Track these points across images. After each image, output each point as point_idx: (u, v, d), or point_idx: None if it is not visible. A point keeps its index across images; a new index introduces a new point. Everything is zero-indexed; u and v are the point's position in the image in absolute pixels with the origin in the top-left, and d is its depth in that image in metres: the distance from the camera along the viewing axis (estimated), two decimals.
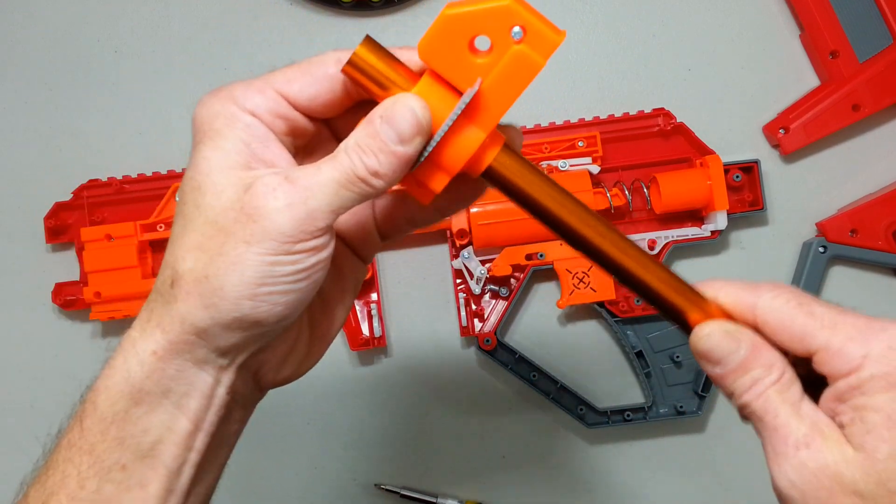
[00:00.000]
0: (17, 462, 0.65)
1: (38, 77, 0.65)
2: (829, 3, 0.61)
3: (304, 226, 0.28)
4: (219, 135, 0.30)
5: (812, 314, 0.30)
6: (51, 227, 0.62)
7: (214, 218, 0.29)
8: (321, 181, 0.29)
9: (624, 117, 0.61)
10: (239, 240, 0.28)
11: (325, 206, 0.28)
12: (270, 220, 0.28)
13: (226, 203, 0.29)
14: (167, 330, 0.30)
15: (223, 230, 0.28)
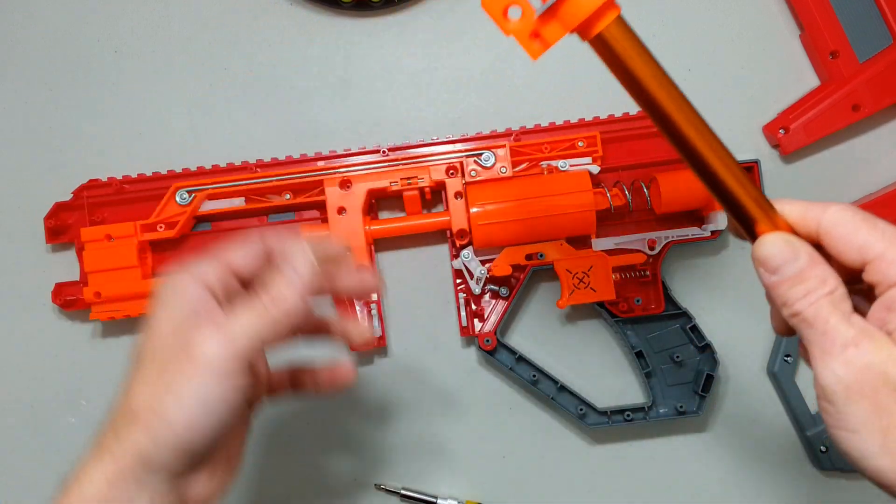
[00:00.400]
0: (17, 462, 0.66)
1: (38, 77, 0.66)
2: (829, 3, 0.61)
3: (229, 357, 0.37)
4: (172, 302, 0.39)
5: (875, 227, 0.33)
6: (51, 227, 0.62)
7: (162, 361, 0.37)
8: (240, 321, 0.38)
9: (624, 117, 0.62)
10: (179, 374, 0.37)
11: (244, 340, 0.38)
12: (202, 354, 0.37)
13: (169, 347, 0.38)
14: (117, 458, 0.37)
15: (166, 368, 0.37)
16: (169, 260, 0.63)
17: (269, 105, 0.65)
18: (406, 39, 0.65)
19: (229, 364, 0.37)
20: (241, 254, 0.42)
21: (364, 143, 0.64)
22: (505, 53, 0.64)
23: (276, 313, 0.39)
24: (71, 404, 0.65)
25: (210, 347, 0.37)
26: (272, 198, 0.62)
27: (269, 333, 0.38)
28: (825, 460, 0.61)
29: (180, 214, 0.61)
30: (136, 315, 0.61)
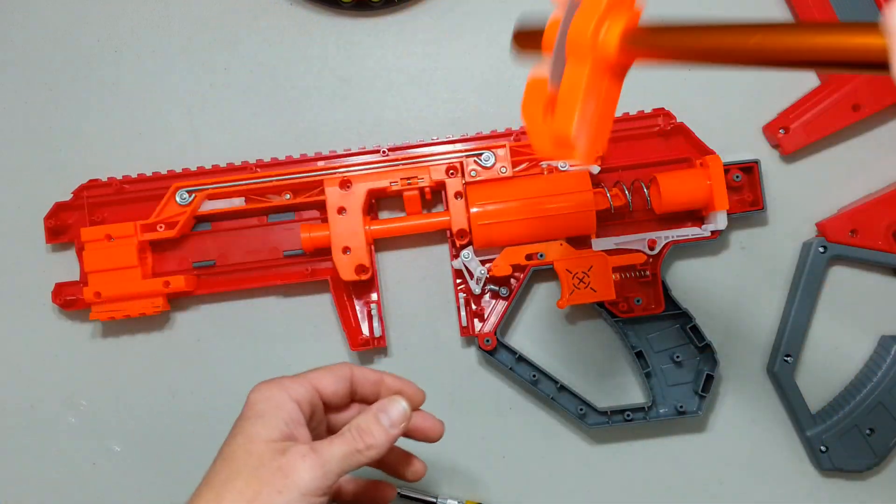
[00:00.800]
0: (17, 462, 0.66)
1: (38, 77, 0.66)
2: (829, 4, 0.61)
3: (320, 483, 0.41)
4: (269, 414, 0.43)
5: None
6: (51, 227, 0.62)
7: (255, 471, 0.40)
8: (333, 451, 0.42)
9: (624, 117, 0.62)
10: (273, 489, 0.40)
11: (335, 468, 0.41)
12: (299, 476, 0.40)
13: (266, 462, 0.40)
14: None
15: (261, 480, 0.40)
16: (169, 260, 0.63)
17: (269, 105, 0.65)
18: (406, 39, 0.65)
19: (320, 490, 0.41)
20: (329, 380, 0.46)
21: (364, 143, 0.64)
22: (505, 53, 0.64)
23: (366, 454, 0.43)
24: (71, 404, 0.65)
25: (307, 473, 0.40)
26: (272, 198, 0.62)
27: (354, 469, 0.43)
28: (825, 460, 0.61)
29: (180, 214, 0.61)
30: (137, 315, 0.61)
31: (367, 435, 0.43)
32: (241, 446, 0.41)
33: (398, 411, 0.45)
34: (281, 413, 0.42)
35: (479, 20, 0.65)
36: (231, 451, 0.41)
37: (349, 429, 0.43)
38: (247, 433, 0.42)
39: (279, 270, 0.63)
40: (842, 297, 0.63)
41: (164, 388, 0.64)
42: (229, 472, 0.41)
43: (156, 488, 0.64)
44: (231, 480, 0.40)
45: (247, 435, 0.42)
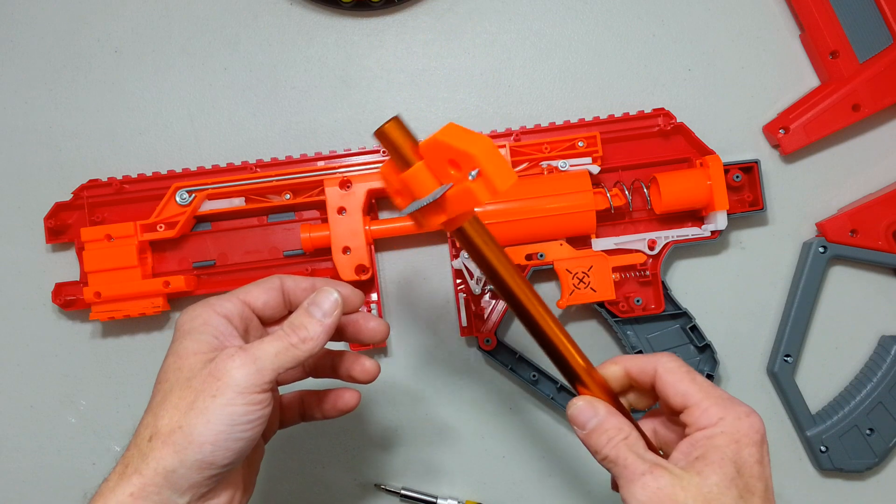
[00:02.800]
0: (17, 462, 0.66)
1: (38, 77, 0.66)
2: (829, 4, 0.61)
3: (254, 380, 0.40)
4: (196, 331, 0.42)
5: (694, 381, 0.41)
6: (51, 227, 0.62)
7: (188, 382, 0.40)
8: (265, 348, 0.41)
9: (624, 117, 0.62)
10: (207, 395, 0.39)
11: (269, 365, 0.40)
12: (230, 375, 0.39)
13: (197, 371, 0.40)
14: (144, 476, 0.38)
15: (194, 389, 0.39)
16: (169, 260, 0.63)
17: (269, 105, 0.65)
18: (406, 39, 0.65)
19: (255, 387, 0.40)
20: (257, 292, 0.45)
21: (364, 143, 0.64)
22: (505, 53, 0.64)
23: (302, 347, 0.42)
24: (71, 404, 0.65)
25: (238, 371, 0.39)
26: (272, 198, 0.62)
27: (291, 364, 0.41)
28: (825, 460, 0.61)
29: (180, 214, 0.61)
30: (137, 315, 0.61)
31: (300, 329, 0.42)
32: (171, 365, 0.41)
33: (329, 301, 0.43)
34: (208, 328, 0.42)
35: (479, 20, 0.65)
36: (163, 373, 0.41)
37: (282, 326, 0.43)
38: (175, 352, 0.41)
39: (279, 271, 0.63)
40: (842, 297, 0.63)
41: None
42: (163, 391, 0.40)
43: None
44: (166, 398, 0.40)
45: (176, 354, 0.41)
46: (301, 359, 0.42)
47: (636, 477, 0.39)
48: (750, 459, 0.39)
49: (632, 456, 0.40)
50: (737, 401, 0.41)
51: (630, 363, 0.44)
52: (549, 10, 0.65)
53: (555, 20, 0.64)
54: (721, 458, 0.38)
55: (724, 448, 0.39)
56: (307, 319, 0.43)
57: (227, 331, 0.42)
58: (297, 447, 0.64)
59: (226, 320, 0.43)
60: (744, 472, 0.38)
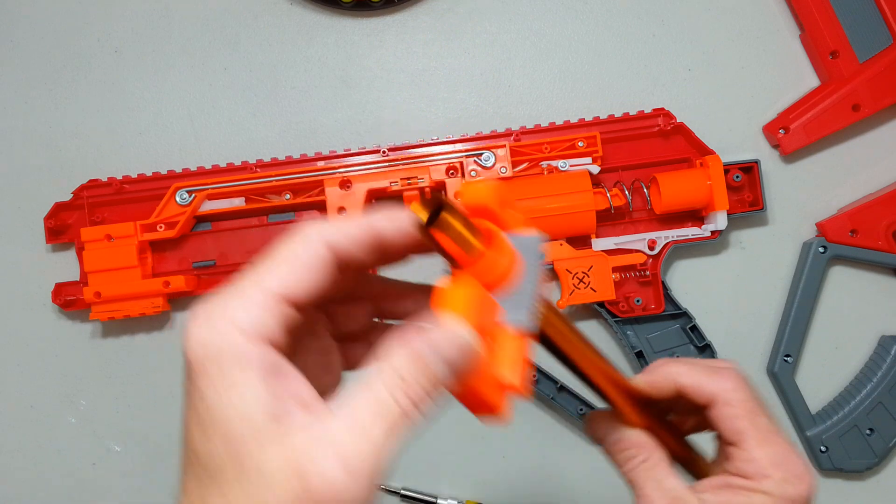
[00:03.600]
0: (17, 462, 0.66)
1: (39, 77, 0.65)
2: (829, 4, 0.61)
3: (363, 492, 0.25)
4: (234, 384, 0.25)
5: (754, 423, 0.35)
6: (51, 227, 0.62)
7: (254, 486, 0.25)
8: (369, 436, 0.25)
9: (624, 117, 0.61)
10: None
11: (374, 465, 0.25)
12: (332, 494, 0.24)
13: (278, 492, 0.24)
14: None
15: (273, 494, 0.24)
16: (169, 260, 0.63)
17: (269, 105, 0.65)
18: (406, 39, 0.65)
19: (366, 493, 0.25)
20: (295, 275, 0.27)
21: (364, 143, 0.64)
22: (505, 53, 0.64)
23: (415, 418, 0.27)
24: (71, 404, 0.65)
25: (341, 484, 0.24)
26: (272, 198, 0.62)
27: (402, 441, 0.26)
28: (825, 460, 0.61)
29: (180, 214, 0.61)
30: (137, 315, 0.61)
31: (411, 386, 0.26)
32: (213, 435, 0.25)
33: (467, 355, 0.28)
34: (249, 369, 0.25)
35: (479, 20, 0.65)
36: (205, 442, 0.25)
37: (384, 384, 0.26)
38: (216, 424, 0.25)
39: None
40: (842, 297, 0.63)
41: (165, 388, 0.64)
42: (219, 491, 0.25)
43: (156, 488, 0.64)
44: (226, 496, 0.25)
45: (213, 424, 0.25)
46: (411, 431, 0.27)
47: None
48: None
49: (650, 484, 0.36)
50: (794, 457, 0.35)
51: (686, 379, 0.37)
52: (549, 10, 0.65)
53: (555, 20, 0.64)
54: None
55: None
56: (422, 373, 0.27)
57: (275, 364, 0.26)
58: None
59: (268, 348, 0.26)
60: None
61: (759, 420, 0.36)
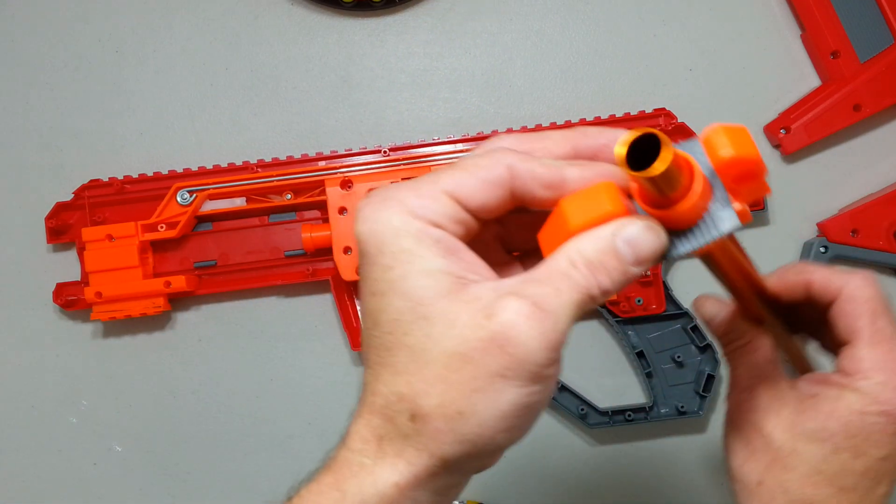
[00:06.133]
0: (18, 462, 0.66)
1: (39, 77, 0.65)
2: (830, 3, 0.61)
3: (554, 353, 0.27)
4: (413, 255, 0.28)
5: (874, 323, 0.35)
6: (52, 227, 0.62)
7: (457, 349, 0.27)
8: (564, 304, 0.27)
9: (625, 117, 0.61)
10: (494, 373, 0.27)
11: (566, 325, 0.27)
12: (527, 350, 0.27)
13: (467, 333, 0.27)
14: (413, 462, 0.29)
15: (471, 362, 0.27)
16: (170, 260, 0.63)
17: (269, 105, 0.65)
18: (407, 39, 0.65)
19: (555, 357, 0.27)
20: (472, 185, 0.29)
21: (365, 143, 0.64)
22: (506, 53, 0.64)
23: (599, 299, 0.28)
24: (71, 404, 0.65)
25: (535, 341, 0.27)
26: (273, 198, 0.62)
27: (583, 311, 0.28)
28: None
29: (181, 214, 0.61)
30: (138, 315, 0.61)
31: (601, 272, 0.28)
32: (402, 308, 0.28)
33: (651, 249, 0.28)
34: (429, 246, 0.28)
35: (480, 20, 0.65)
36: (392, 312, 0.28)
37: (569, 257, 0.28)
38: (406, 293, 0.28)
39: (280, 270, 0.63)
40: None
41: (165, 388, 0.64)
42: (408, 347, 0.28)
43: (156, 488, 0.64)
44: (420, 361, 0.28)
45: (408, 295, 0.28)
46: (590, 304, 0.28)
47: (735, 391, 0.37)
48: (863, 431, 0.33)
49: (743, 366, 0.37)
50: None
51: (817, 274, 0.37)
52: (549, 9, 0.65)
53: (556, 20, 0.64)
54: (831, 412, 0.34)
55: (842, 406, 0.34)
56: (615, 263, 0.28)
57: (452, 246, 0.28)
58: (298, 447, 0.64)
59: (442, 235, 0.28)
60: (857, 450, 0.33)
61: (878, 321, 0.35)
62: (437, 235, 0.28)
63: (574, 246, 0.28)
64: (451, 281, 0.28)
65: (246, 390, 0.64)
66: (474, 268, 0.29)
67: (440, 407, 0.28)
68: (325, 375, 0.64)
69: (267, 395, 0.64)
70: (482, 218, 0.29)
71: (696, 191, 0.27)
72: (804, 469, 0.34)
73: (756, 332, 0.38)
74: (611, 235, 0.28)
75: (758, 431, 0.36)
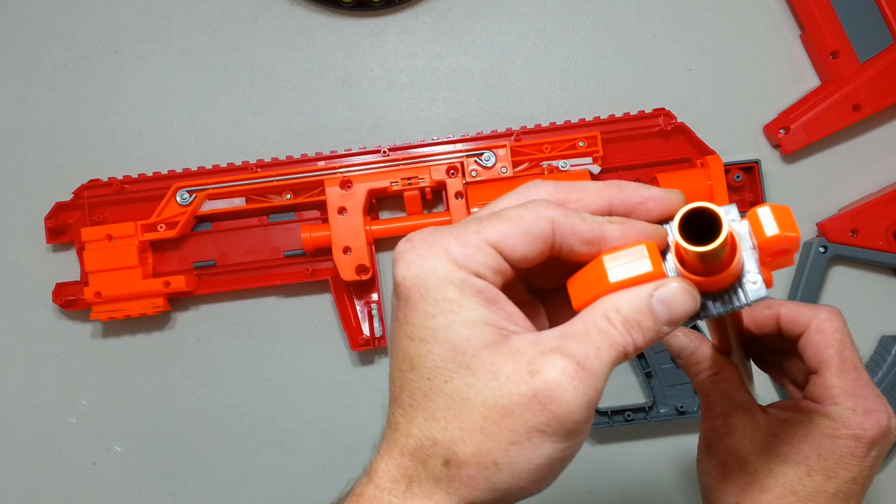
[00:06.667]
0: (18, 463, 0.66)
1: (39, 77, 0.65)
2: (829, 4, 0.61)
3: (592, 411, 0.28)
4: (457, 305, 0.28)
5: (841, 354, 0.37)
6: (51, 227, 0.62)
7: (498, 401, 0.28)
8: (603, 363, 0.28)
9: (625, 117, 0.61)
10: (533, 428, 0.28)
11: (603, 383, 0.28)
12: (568, 409, 0.27)
13: (510, 387, 0.28)
14: (438, 502, 0.29)
15: (512, 415, 0.28)
16: (170, 260, 0.63)
17: (269, 105, 0.65)
18: (407, 39, 0.65)
19: (591, 413, 0.28)
20: (516, 238, 0.29)
21: (365, 143, 0.64)
22: (505, 53, 0.64)
23: (630, 355, 0.29)
24: (71, 404, 0.65)
25: (577, 401, 0.27)
26: (273, 198, 0.62)
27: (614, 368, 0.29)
28: None
29: (181, 214, 0.61)
30: (137, 315, 0.61)
31: (636, 330, 0.29)
32: (442, 355, 0.28)
33: (685, 310, 0.29)
34: (472, 297, 0.28)
35: (480, 20, 0.65)
36: (429, 358, 0.29)
37: (610, 320, 0.29)
38: (450, 342, 0.28)
39: (280, 270, 0.63)
40: (842, 297, 0.63)
41: (164, 388, 0.64)
42: (447, 394, 0.28)
43: (156, 488, 0.64)
44: (456, 409, 0.28)
45: (452, 344, 0.28)
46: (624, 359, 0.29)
47: (709, 416, 0.38)
48: (834, 454, 0.35)
49: (716, 393, 0.38)
50: (870, 392, 0.36)
51: (786, 308, 0.38)
52: (549, 10, 0.65)
53: (555, 20, 0.64)
54: (804, 436, 0.36)
55: (815, 430, 0.36)
56: (650, 322, 0.29)
57: (494, 297, 0.29)
58: (298, 447, 0.64)
59: (485, 286, 0.29)
60: (829, 472, 0.35)
61: (845, 352, 0.37)
62: (480, 286, 0.29)
63: (611, 302, 0.29)
64: (493, 332, 0.28)
65: (245, 390, 0.64)
66: (514, 318, 0.29)
67: (476, 456, 0.28)
68: (325, 375, 0.64)
69: (266, 395, 0.64)
70: (520, 268, 0.30)
71: (738, 264, 0.29)
72: (780, 490, 0.36)
73: (724, 362, 0.40)
74: (648, 296, 0.29)
75: (734, 455, 0.38)
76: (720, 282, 0.29)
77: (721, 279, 0.29)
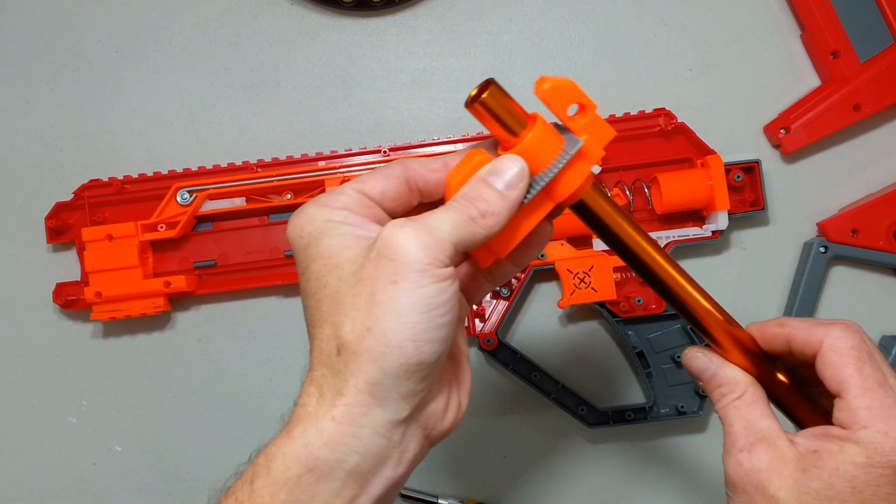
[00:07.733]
0: (18, 463, 0.66)
1: (39, 77, 0.65)
2: (830, 3, 0.61)
3: (435, 253, 0.31)
4: (326, 230, 0.33)
5: (860, 370, 0.35)
6: (52, 227, 0.62)
7: (357, 277, 0.32)
8: (440, 218, 0.32)
9: (625, 117, 0.61)
10: (385, 282, 0.31)
11: (447, 236, 0.32)
12: (406, 251, 0.31)
13: (362, 262, 0.32)
14: (343, 394, 0.32)
15: (367, 280, 0.31)
16: (170, 260, 0.63)
17: (269, 105, 0.65)
18: (407, 39, 0.65)
19: (438, 261, 0.31)
20: (374, 180, 0.35)
21: (365, 143, 0.64)
22: (506, 53, 0.64)
23: (482, 223, 0.33)
24: (71, 404, 0.65)
25: (413, 243, 0.31)
26: (273, 198, 0.62)
27: (470, 243, 0.33)
28: None
29: (181, 214, 0.61)
30: (137, 315, 0.61)
31: (478, 200, 0.33)
32: (320, 270, 0.33)
33: (513, 171, 0.33)
34: (338, 225, 0.33)
35: (479, 20, 0.65)
36: (315, 282, 0.33)
37: (453, 198, 0.33)
38: (320, 255, 0.33)
39: (280, 270, 0.63)
40: (842, 297, 0.63)
41: (165, 388, 0.64)
42: (329, 297, 0.33)
43: (155, 488, 0.64)
44: (336, 302, 0.32)
45: (321, 257, 0.33)
46: (480, 238, 0.33)
47: (733, 450, 0.36)
48: (870, 486, 0.33)
49: (739, 422, 0.36)
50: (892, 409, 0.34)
51: (796, 330, 0.37)
52: (549, 9, 0.65)
53: (555, 20, 0.64)
54: (835, 469, 0.34)
55: (846, 461, 0.33)
56: (486, 190, 0.33)
57: (358, 220, 0.34)
58: None
59: (349, 213, 0.34)
60: (858, 496, 0.33)
61: (865, 369, 0.35)
62: (344, 215, 0.34)
63: (458, 190, 0.34)
64: (355, 236, 0.33)
65: (246, 390, 0.64)
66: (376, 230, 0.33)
67: (353, 331, 0.31)
68: None
69: (266, 395, 0.64)
70: (388, 206, 0.35)
71: (541, 125, 0.35)
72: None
73: (749, 383, 0.38)
74: (482, 175, 0.34)
75: (762, 493, 0.35)
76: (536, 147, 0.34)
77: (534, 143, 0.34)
